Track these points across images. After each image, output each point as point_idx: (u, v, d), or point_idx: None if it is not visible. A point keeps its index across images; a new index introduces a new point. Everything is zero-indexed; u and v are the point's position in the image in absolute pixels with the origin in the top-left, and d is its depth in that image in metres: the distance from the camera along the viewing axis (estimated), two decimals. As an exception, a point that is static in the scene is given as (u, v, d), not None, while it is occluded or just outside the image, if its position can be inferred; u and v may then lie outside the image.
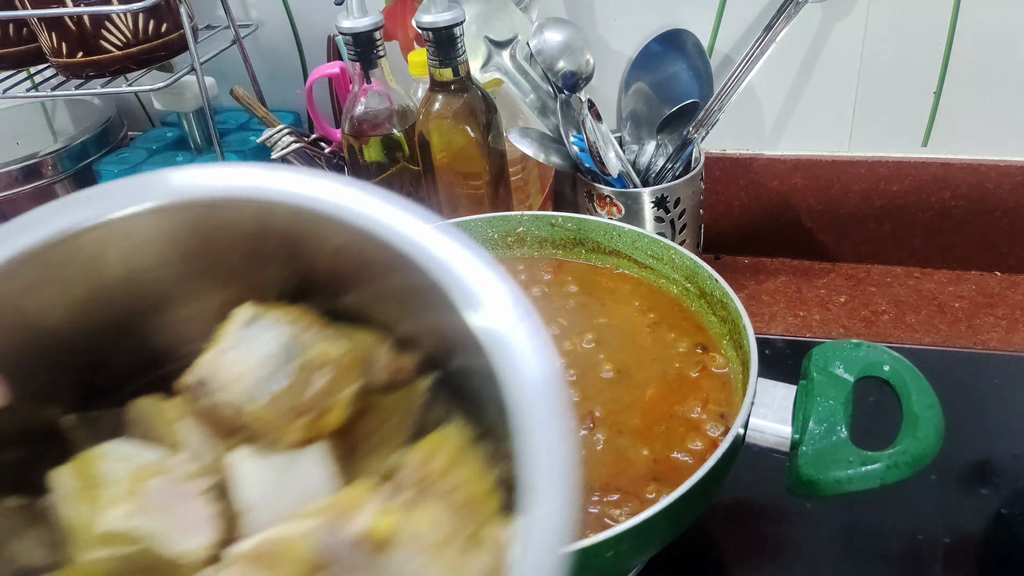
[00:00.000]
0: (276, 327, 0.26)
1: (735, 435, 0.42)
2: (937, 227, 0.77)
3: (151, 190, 0.26)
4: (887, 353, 0.46)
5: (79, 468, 0.24)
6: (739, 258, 0.83)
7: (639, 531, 0.37)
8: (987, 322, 0.71)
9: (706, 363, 0.51)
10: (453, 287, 0.24)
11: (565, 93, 0.67)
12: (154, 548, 0.23)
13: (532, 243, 0.62)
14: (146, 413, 0.27)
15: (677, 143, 0.70)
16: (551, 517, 0.20)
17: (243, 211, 0.26)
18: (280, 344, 0.26)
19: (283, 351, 0.26)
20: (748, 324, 0.47)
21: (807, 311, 0.75)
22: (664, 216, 0.68)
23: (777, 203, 0.80)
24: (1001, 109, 0.71)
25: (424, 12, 0.62)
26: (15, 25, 0.79)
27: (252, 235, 0.27)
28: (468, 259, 0.24)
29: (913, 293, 0.76)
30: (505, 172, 0.72)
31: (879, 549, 0.51)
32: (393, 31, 0.75)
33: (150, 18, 0.73)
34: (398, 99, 0.69)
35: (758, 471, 0.50)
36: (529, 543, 0.20)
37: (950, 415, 0.44)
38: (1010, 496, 0.54)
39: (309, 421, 0.26)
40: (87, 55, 0.72)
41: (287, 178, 0.26)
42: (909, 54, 0.71)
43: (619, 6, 0.75)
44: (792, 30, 0.66)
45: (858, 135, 0.76)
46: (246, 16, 0.87)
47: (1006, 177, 0.73)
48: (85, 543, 0.23)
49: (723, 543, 0.54)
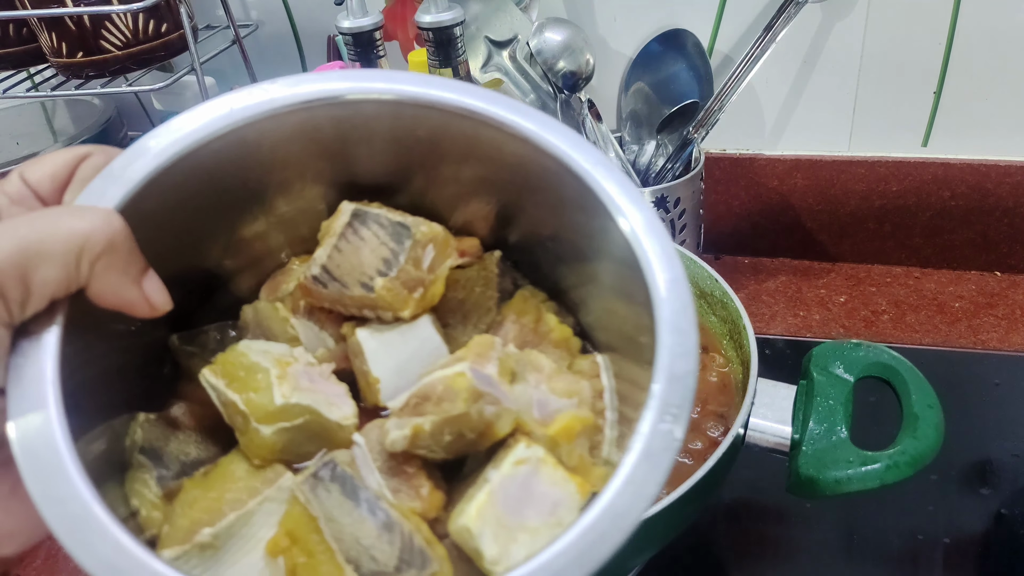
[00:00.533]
0: (379, 217, 0.30)
1: (735, 435, 0.42)
2: (937, 227, 0.77)
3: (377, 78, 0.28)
4: (887, 353, 0.46)
5: (227, 365, 0.28)
6: (739, 258, 0.83)
7: (639, 531, 0.37)
8: (987, 322, 0.71)
9: (706, 363, 0.51)
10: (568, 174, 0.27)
11: (565, 93, 0.67)
12: (320, 417, 0.27)
13: (532, 243, 0.62)
14: (258, 317, 0.31)
15: (677, 143, 0.70)
16: (686, 374, 0.24)
17: (331, 112, 0.29)
18: (391, 228, 0.29)
19: (394, 235, 0.29)
20: (748, 324, 0.47)
21: (807, 311, 0.75)
22: (664, 216, 0.68)
23: (777, 203, 0.80)
24: (1001, 109, 0.71)
25: (424, 12, 0.62)
26: (15, 25, 0.79)
27: (341, 135, 0.29)
28: (571, 139, 0.28)
29: (913, 293, 0.76)
30: (505, 172, 0.72)
31: (879, 549, 0.51)
32: (393, 31, 0.75)
33: (150, 18, 0.73)
34: (398, 99, 0.69)
35: (758, 471, 0.50)
36: (667, 367, 0.24)
37: (950, 415, 0.44)
38: (1010, 496, 0.54)
39: (421, 295, 0.29)
40: (87, 55, 0.72)
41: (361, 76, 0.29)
42: (909, 54, 0.71)
43: (619, 6, 0.75)
44: (792, 30, 0.66)
45: (858, 135, 0.76)
46: (246, 16, 0.87)
47: (1006, 177, 0.73)
48: (264, 418, 0.26)
49: (723, 543, 0.54)
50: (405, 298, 0.29)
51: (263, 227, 0.31)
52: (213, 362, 0.28)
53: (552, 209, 0.30)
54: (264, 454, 0.27)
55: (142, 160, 0.26)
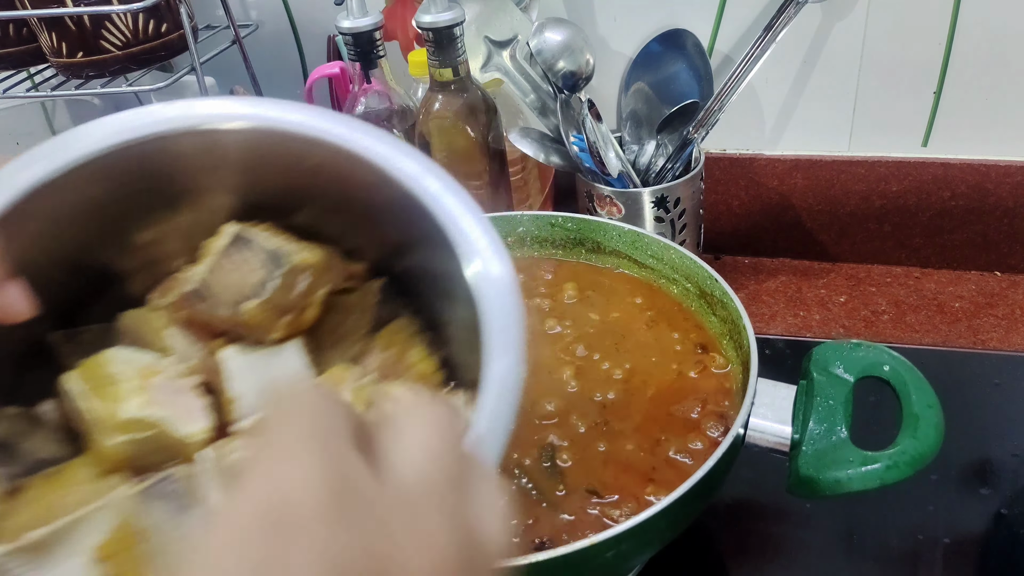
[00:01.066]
0: (260, 240, 0.31)
1: (735, 435, 0.42)
2: (937, 227, 0.77)
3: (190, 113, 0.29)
4: (887, 353, 0.46)
5: (89, 371, 0.28)
6: (739, 258, 0.83)
7: (639, 531, 0.37)
8: (987, 322, 0.71)
9: (706, 363, 0.51)
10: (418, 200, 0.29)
11: (565, 93, 0.67)
12: (166, 432, 0.28)
13: (532, 243, 0.62)
14: (136, 323, 0.32)
15: (677, 143, 0.70)
16: (508, 370, 0.26)
17: (235, 137, 0.30)
18: (268, 254, 0.30)
19: (272, 259, 0.30)
20: (748, 324, 0.47)
21: (807, 311, 0.75)
22: (664, 216, 0.68)
23: (777, 203, 0.80)
24: (1001, 109, 0.71)
25: (424, 12, 0.62)
26: (15, 25, 0.79)
27: (213, 163, 0.31)
28: (425, 172, 0.30)
29: (913, 293, 0.76)
30: (505, 172, 0.72)
31: (879, 549, 0.51)
32: (393, 31, 0.75)
33: (150, 18, 0.73)
34: (398, 99, 0.69)
35: (758, 471, 0.50)
36: (490, 391, 0.26)
37: (950, 415, 0.44)
38: (1010, 496, 0.54)
39: (292, 319, 0.30)
40: (87, 55, 0.72)
41: (267, 105, 0.30)
42: (909, 54, 0.71)
43: (619, 6, 0.75)
44: (792, 30, 0.66)
45: (858, 135, 0.76)
46: (246, 16, 0.87)
47: (1006, 177, 0.73)
48: (109, 430, 0.27)
49: (723, 543, 0.54)
50: (273, 322, 0.30)
51: (161, 234, 0.32)
52: (78, 367, 0.29)
53: (423, 243, 0.31)
54: (109, 463, 0.27)
55: (34, 168, 0.27)
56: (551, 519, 0.42)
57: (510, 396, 0.26)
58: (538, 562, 0.36)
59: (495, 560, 0.21)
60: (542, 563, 0.36)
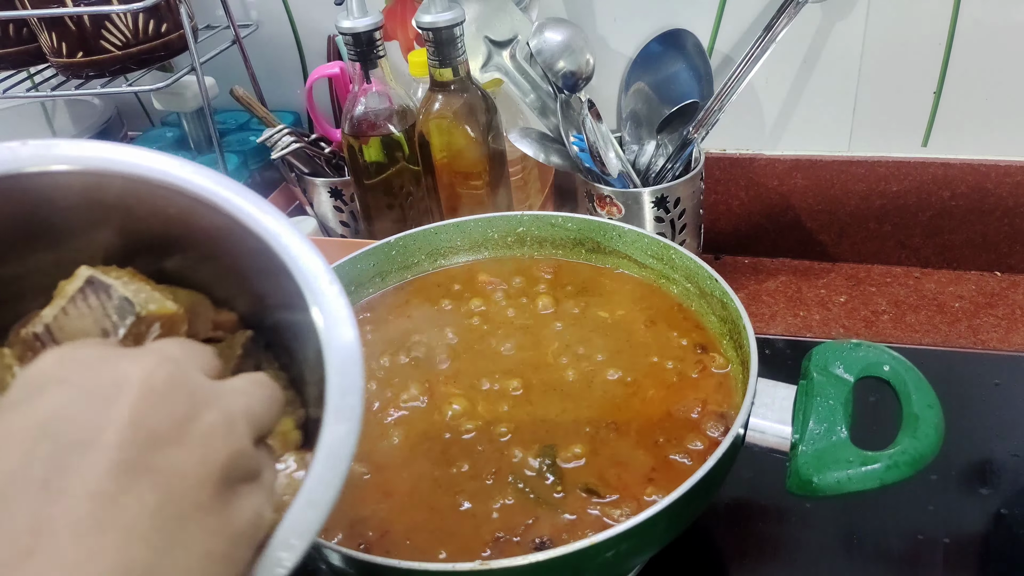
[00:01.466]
0: (113, 286, 0.30)
1: (735, 435, 0.42)
2: (937, 227, 0.77)
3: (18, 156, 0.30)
4: (887, 353, 0.46)
5: None
6: (739, 258, 0.83)
7: (639, 531, 0.37)
8: (987, 322, 0.71)
9: (706, 363, 0.51)
10: (279, 258, 0.30)
11: (565, 93, 0.67)
12: None
13: (532, 243, 0.62)
14: None
15: (677, 143, 0.70)
16: (343, 439, 0.27)
17: (82, 180, 0.30)
18: (120, 300, 0.30)
19: (119, 309, 0.30)
20: (748, 324, 0.47)
21: (807, 311, 0.75)
22: (664, 216, 0.68)
23: (777, 203, 0.80)
24: (1001, 109, 0.71)
25: (424, 12, 0.62)
26: (15, 25, 0.79)
27: (87, 202, 0.31)
28: (289, 234, 0.30)
29: (913, 293, 0.76)
30: (505, 172, 0.72)
31: (879, 549, 0.51)
32: (393, 31, 0.75)
33: (150, 18, 0.73)
34: (398, 99, 0.69)
35: (758, 471, 0.50)
36: (320, 458, 0.27)
37: (950, 415, 0.44)
38: (1010, 496, 0.54)
39: None
40: (87, 55, 0.72)
41: (129, 152, 0.30)
42: (909, 54, 0.71)
43: (619, 6, 0.75)
44: (792, 30, 0.66)
45: (858, 135, 0.76)
46: (246, 16, 0.87)
47: (1006, 177, 0.73)
48: None
49: (723, 543, 0.54)
50: None
51: (25, 269, 0.32)
52: None
53: (285, 300, 0.31)
54: None
55: None
56: (551, 519, 0.42)
57: (340, 465, 0.26)
58: (538, 562, 0.36)
59: None
60: (542, 563, 0.36)
